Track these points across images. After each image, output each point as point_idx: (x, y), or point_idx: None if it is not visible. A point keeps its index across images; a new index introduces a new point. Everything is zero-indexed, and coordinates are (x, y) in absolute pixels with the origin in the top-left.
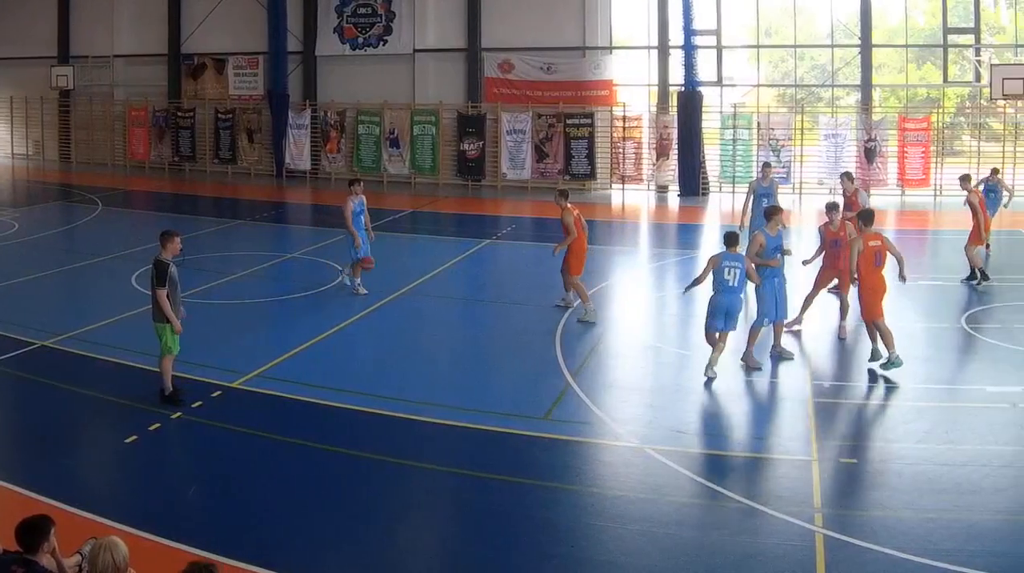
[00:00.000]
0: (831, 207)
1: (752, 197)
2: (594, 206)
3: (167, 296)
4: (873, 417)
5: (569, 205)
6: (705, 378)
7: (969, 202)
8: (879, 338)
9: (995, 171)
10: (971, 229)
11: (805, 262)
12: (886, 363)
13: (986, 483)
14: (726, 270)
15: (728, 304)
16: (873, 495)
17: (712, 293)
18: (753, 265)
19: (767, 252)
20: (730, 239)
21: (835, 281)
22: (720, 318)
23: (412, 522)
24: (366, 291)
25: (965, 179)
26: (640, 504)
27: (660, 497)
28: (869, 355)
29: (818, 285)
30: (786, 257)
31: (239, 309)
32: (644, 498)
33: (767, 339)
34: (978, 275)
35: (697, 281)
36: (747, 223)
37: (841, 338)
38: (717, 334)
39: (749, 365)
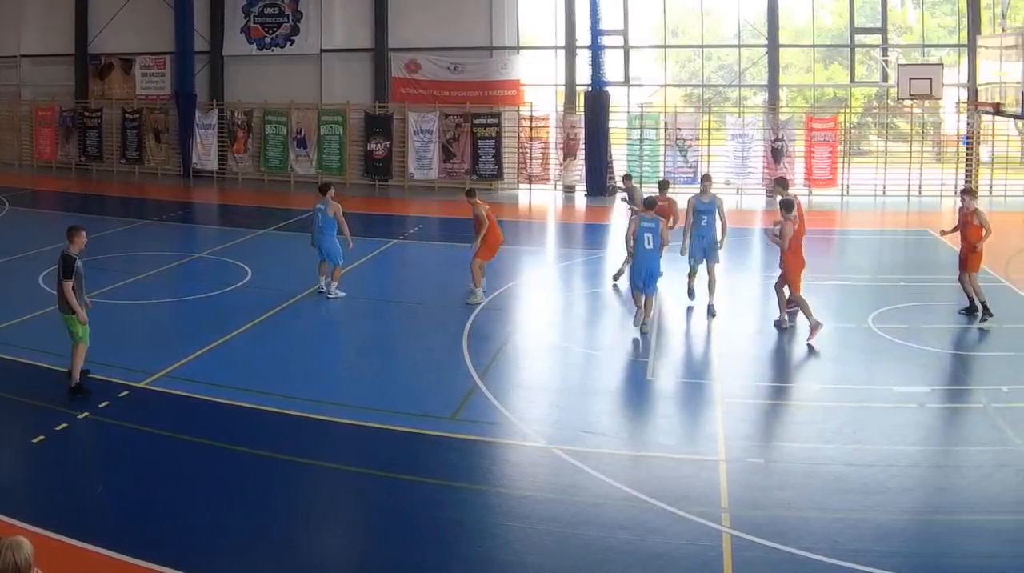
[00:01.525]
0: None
1: (692, 216)
2: (501, 206)
3: (72, 289)
4: (781, 417)
5: (479, 200)
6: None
7: (980, 219)
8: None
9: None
10: (964, 253)
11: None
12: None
13: (893, 483)
14: (645, 236)
15: (648, 266)
16: (781, 495)
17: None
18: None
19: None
20: (648, 203)
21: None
22: (640, 279)
23: (320, 523)
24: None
25: (969, 193)
26: (548, 504)
27: (568, 497)
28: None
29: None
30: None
31: (146, 309)
32: (552, 498)
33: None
34: (980, 308)
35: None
36: (687, 247)
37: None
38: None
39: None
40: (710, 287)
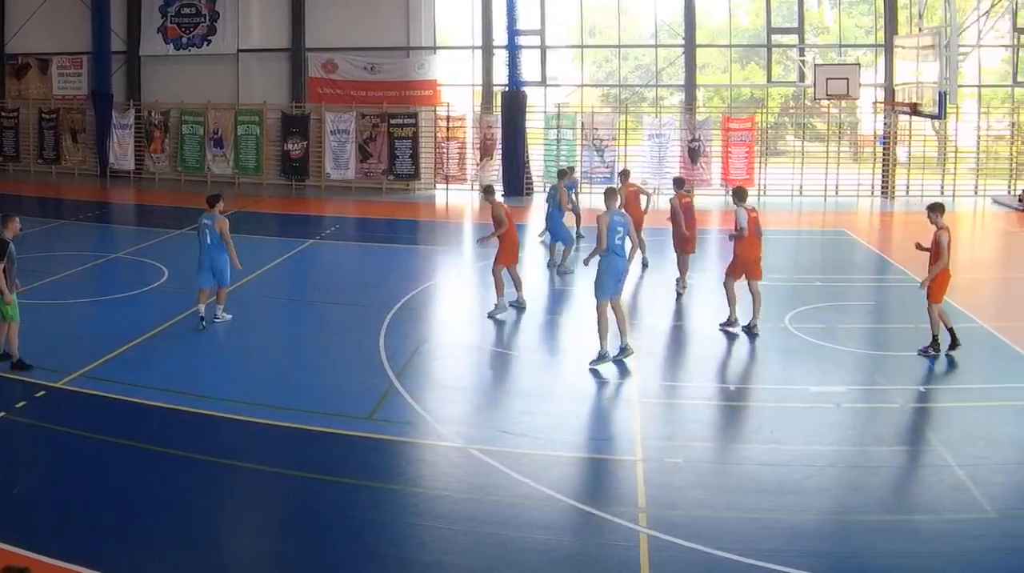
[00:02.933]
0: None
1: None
2: (417, 206)
3: (3, 270)
4: (698, 417)
5: (498, 200)
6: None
7: (936, 240)
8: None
9: None
10: (933, 277)
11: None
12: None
13: (809, 483)
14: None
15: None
16: (697, 495)
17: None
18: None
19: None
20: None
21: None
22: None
23: (235, 523)
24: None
25: (936, 210)
26: (464, 504)
27: (484, 497)
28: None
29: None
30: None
31: (63, 309)
32: (468, 498)
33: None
34: (940, 344)
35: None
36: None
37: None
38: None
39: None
40: (620, 325)
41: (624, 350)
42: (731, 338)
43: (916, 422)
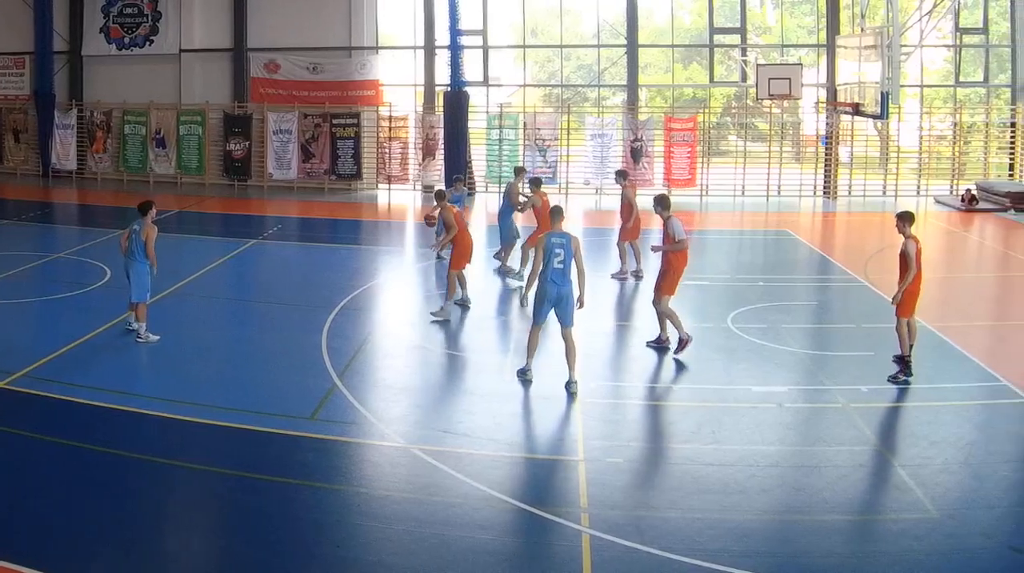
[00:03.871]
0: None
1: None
2: (360, 206)
3: None
4: (640, 417)
5: (448, 203)
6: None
7: (904, 251)
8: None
9: None
10: (901, 293)
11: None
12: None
13: (752, 483)
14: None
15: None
16: (640, 495)
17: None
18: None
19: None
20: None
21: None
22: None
23: (178, 523)
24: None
25: (906, 219)
26: (406, 504)
27: (427, 497)
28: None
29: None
30: None
31: (4, 309)
32: (411, 498)
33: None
34: (911, 365)
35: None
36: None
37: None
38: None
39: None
40: (568, 358)
41: (570, 385)
42: (673, 340)
43: (859, 422)
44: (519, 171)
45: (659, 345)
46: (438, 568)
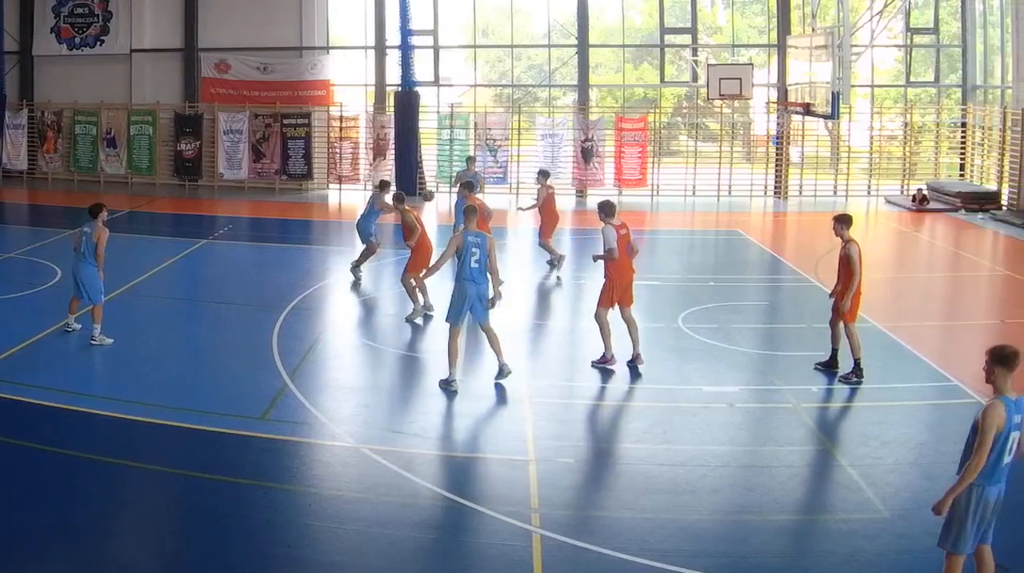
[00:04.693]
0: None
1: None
2: (310, 206)
3: None
4: (591, 417)
5: (407, 207)
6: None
7: (846, 254)
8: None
9: None
10: (841, 296)
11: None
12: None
13: (703, 483)
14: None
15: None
16: (591, 495)
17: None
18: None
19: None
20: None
21: None
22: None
23: (128, 523)
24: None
25: (842, 222)
26: (357, 504)
27: (377, 497)
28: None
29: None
30: None
31: None
32: (361, 498)
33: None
34: (862, 369)
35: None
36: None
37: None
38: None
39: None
40: (493, 347)
41: (502, 371)
42: (624, 339)
43: (809, 422)
44: (384, 184)
45: (631, 365)
46: (389, 568)
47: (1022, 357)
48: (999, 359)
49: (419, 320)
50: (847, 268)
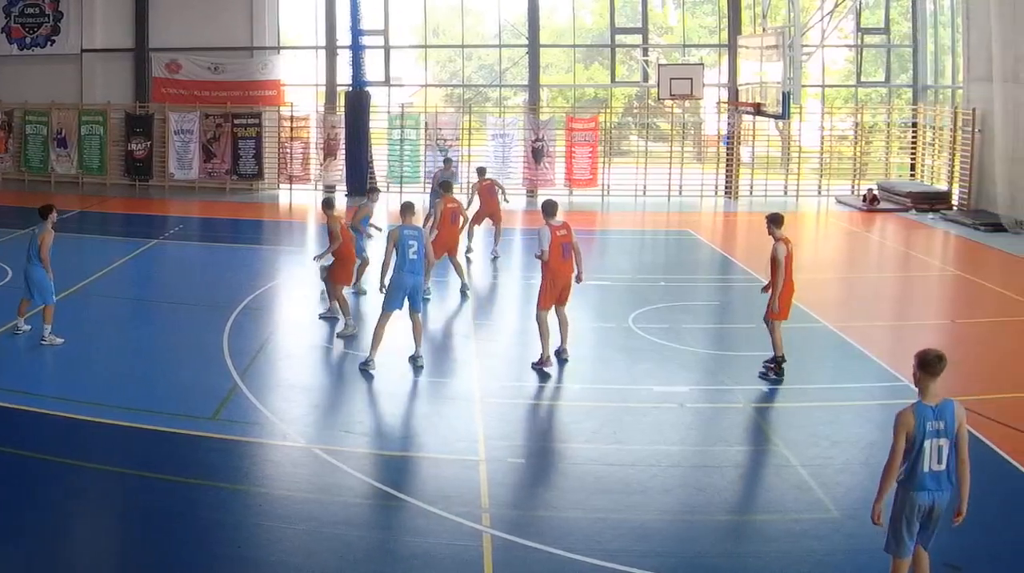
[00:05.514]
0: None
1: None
2: (261, 206)
3: None
4: (541, 417)
5: (336, 214)
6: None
7: (773, 255)
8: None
9: None
10: (777, 301)
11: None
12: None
13: (654, 483)
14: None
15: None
16: (541, 495)
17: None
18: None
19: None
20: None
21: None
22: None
23: (77, 523)
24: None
25: (773, 221)
26: (307, 504)
27: (328, 497)
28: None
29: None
30: None
31: None
32: (311, 498)
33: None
34: (783, 367)
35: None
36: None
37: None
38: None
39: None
40: (415, 335)
41: (416, 359)
42: (574, 339)
43: (760, 422)
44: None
45: (557, 357)
46: (339, 568)
47: (945, 362)
48: (920, 364)
49: (351, 332)
50: (773, 268)
